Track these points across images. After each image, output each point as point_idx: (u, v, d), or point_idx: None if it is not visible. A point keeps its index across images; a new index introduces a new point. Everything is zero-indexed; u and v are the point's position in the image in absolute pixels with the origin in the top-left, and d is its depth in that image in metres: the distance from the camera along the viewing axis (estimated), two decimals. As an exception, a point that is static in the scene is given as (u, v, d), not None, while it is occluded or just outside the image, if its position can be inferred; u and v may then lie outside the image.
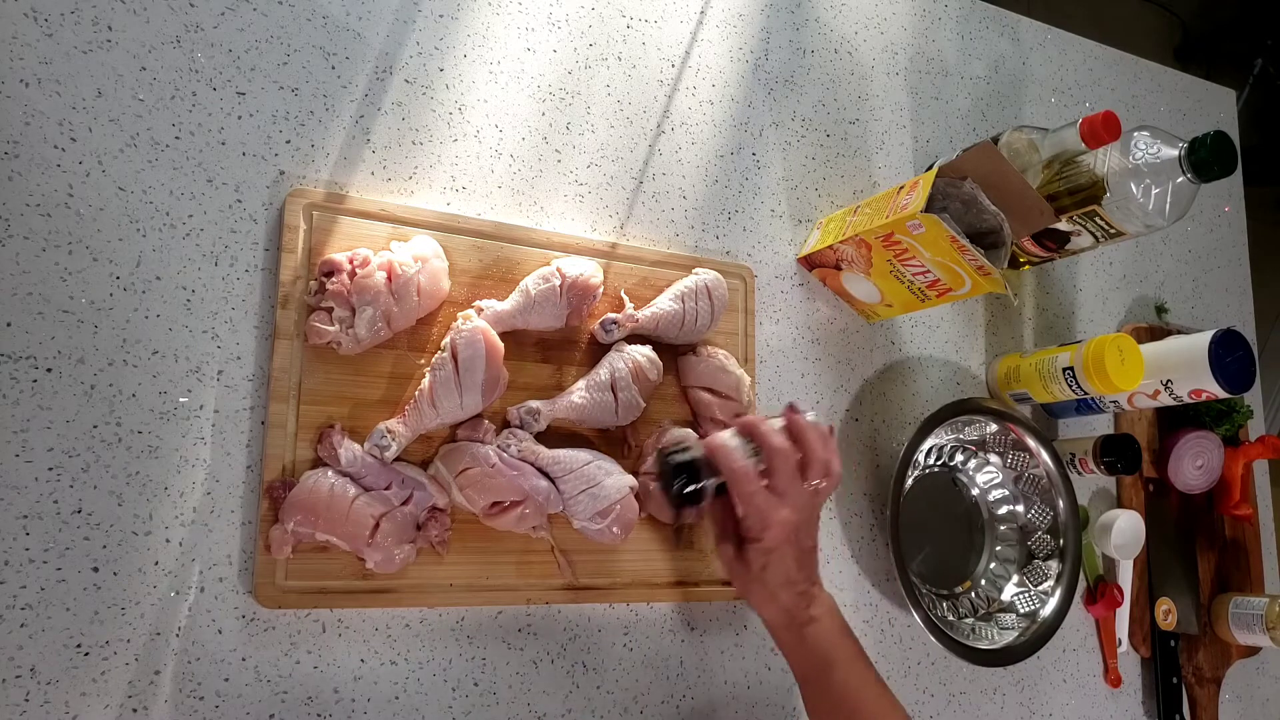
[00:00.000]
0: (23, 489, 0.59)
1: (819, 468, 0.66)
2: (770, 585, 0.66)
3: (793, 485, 0.64)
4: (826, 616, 0.66)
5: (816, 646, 0.65)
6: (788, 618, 0.66)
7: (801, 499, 0.65)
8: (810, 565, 0.67)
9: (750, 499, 0.64)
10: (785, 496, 0.64)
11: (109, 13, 0.66)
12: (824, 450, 0.66)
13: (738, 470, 0.64)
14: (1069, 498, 0.93)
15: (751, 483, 0.63)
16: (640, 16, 0.87)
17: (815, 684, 0.66)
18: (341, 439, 0.65)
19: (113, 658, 0.60)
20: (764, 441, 0.65)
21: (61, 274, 0.62)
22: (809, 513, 0.66)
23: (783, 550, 0.65)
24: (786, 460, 0.64)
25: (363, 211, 0.70)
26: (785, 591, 0.65)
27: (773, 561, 0.65)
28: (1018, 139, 0.87)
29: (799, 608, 0.66)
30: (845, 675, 0.65)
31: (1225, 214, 1.26)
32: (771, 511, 0.63)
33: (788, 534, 0.64)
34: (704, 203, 0.87)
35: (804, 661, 0.67)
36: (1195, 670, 1.04)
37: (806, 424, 0.66)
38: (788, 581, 0.65)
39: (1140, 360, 0.90)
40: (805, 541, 0.66)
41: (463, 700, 0.70)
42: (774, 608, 0.66)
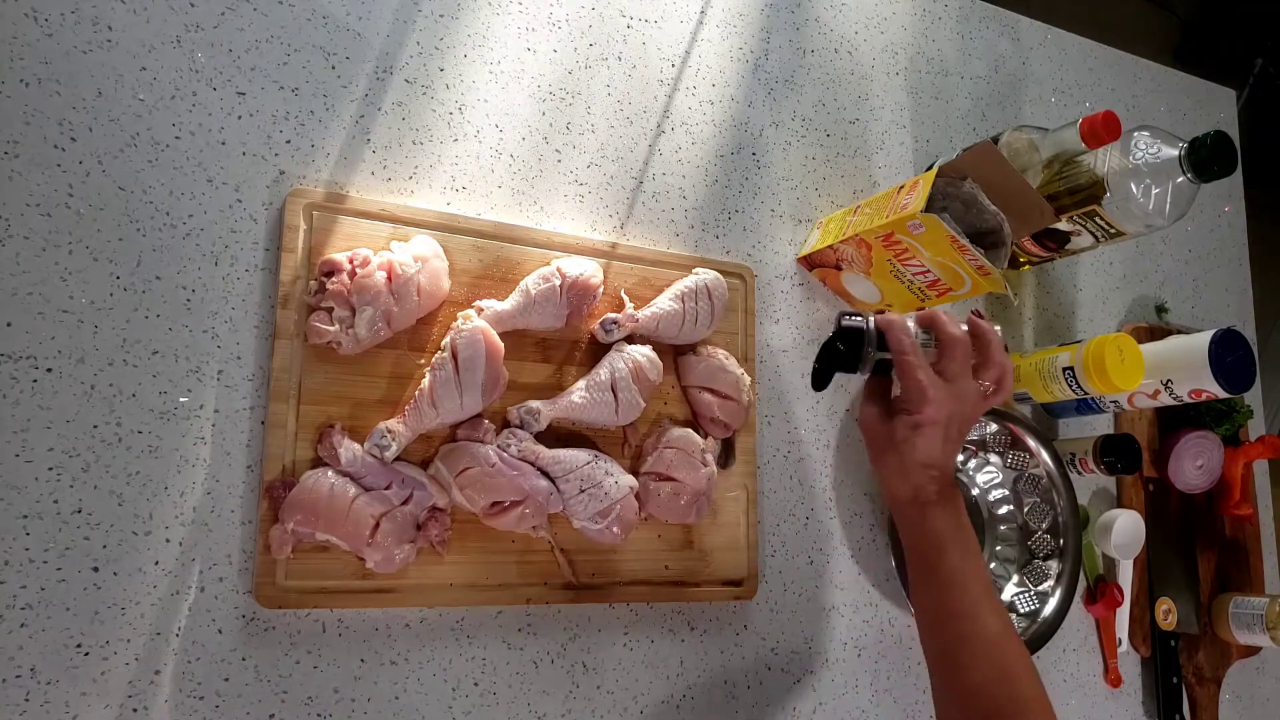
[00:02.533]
0: (23, 489, 0.59)
1: (995, 371, 0.66)
2: (908, 460, 0.64)
3: (962, 375, 0.64)
4: (951, 503, 0.65)
5: (935, 529, 0.65)
6: (914, 493, 0.65)
7: (966, 390, 0.65)
8: (951, 456, 0.66)
9: (913, 371, 0.64)
10: (952, 382, 0.64)
11: (109, 13, 0.66)
12: (1003, 358, 0.66)
13: (906, 344, 0.64)
14: (1069, 497, 0.93)
15: (916, 355, 0.64)
16: (640, 16, 0.87)
17: (925, 567, 0.65)
18: (341, 439, 0.65)
19: (113, 658, 0.60)
20: (942, 330, 0.65)
21: (61, 274, 0.62)
22: (970, 407, 0.65)
23: (931, 430, 0.63)
24: (962, 349, 0.64)
25: (363, 211, 0.70)
26: (920, 471, 0.64)
27: (917, 437, 0.64)
28: (1018, 139, 0.87)
29: (927, 488, 0.64)
30: (958, 563, 0.64)
31: (1225, 214, 1.26)
32: (933, 389, 0.63)
33: (941, 415, 0.63)
34: (704, 203, 0.87)
35: (920, 541, 0.66)
36: (1195, 670, 1.04)
37: (989, 329, 0.67)
38: (926, 463, 0.64)
39: (1140, 360, 0.90)
40: (954, 432, 0.65)
41: (463, 700, 0.70)
42: (904, 482, 0.65)
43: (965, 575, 0.64)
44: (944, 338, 0.65)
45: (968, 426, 0.66)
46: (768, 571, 0.83)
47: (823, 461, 0.88)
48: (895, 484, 0.66)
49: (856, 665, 0.86)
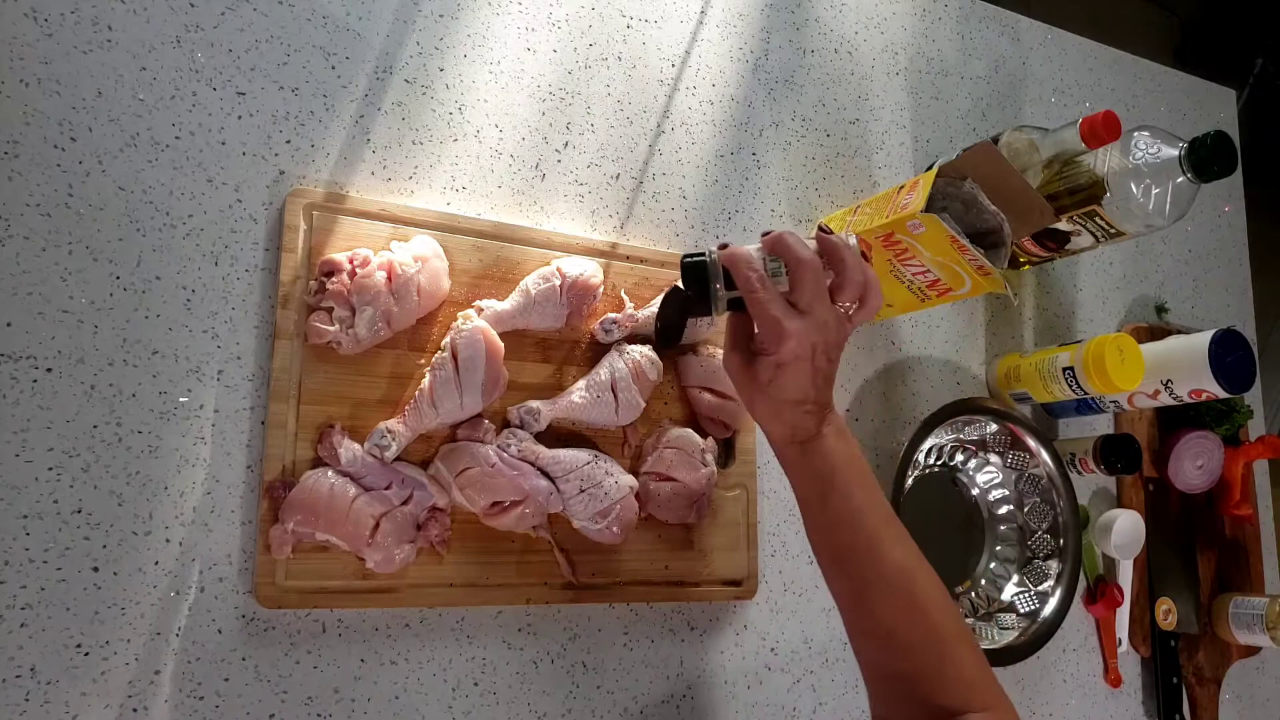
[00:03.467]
0: (23, 489, 0.59)
1: (853, 289, 0.61)
2: (777, 400, 0.61)
3: (817, 302, 0.59)
4: (833, 436, 0.62)
5: (818, 464, 0.61)
6: (790, 433, 0.61)
7: (826, 317, 0.59)
8: (824, 387, 0.61)
9: (764, 307, 0.59)
10: (808, 312, 0.59)
11: (109, 13, 0.66)
12: (860, 273, 0.61)
13: (753, 277, 0.59)
14: (1069, 497, 0.93)
15: (767, 291, 0.59)
16: (640, 16, 0.87)
17: (816, 507, 0.62)
18: (341, 439, 0.65)
19: (113, 658, 0.60)
20: (789, 254, 0.59)
21: (61, 274, 0.62)
22: (833, 334, 0.60)
23: (795, 366, 0.59)
24: (813, 274, 0.59)
25: (363, 211, 0.70)
26: (792, 409, 0.60)
27: (782, 376, 0.60)
28: (1018, 139, 0.87)
29: (804, 425, 0.61)
30: (849, 498, 0.60)
31: (1225, 214, 1.26)
32: (787, 323, 0.58)
33: (803, 350, 0.59)
34: (704, 203, 0.87)
35: (806, 477, 0.62)
36: (1195, 670, 1.04)
37: (840, 243, 0.61)
38: (798, 400, 0.60)
39: (1140, 360, 0.90)
40: (823, 363, 0.60)
41: (463, 700, 0.70)
42: (778, 423, 0.62)
43: (859, 510, 0.60)
44: (791, 263, 0.59)
45: (837, 352, 0.62)
46: (768, 571, 0.83)
47: (823, 461, 0.88)
48: (770, 427, 0.63)
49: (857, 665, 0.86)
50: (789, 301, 0.59)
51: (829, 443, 0.61)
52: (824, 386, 0.61)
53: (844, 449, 0.62)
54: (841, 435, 0.62)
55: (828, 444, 0.61)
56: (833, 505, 0.61)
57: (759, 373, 0.61)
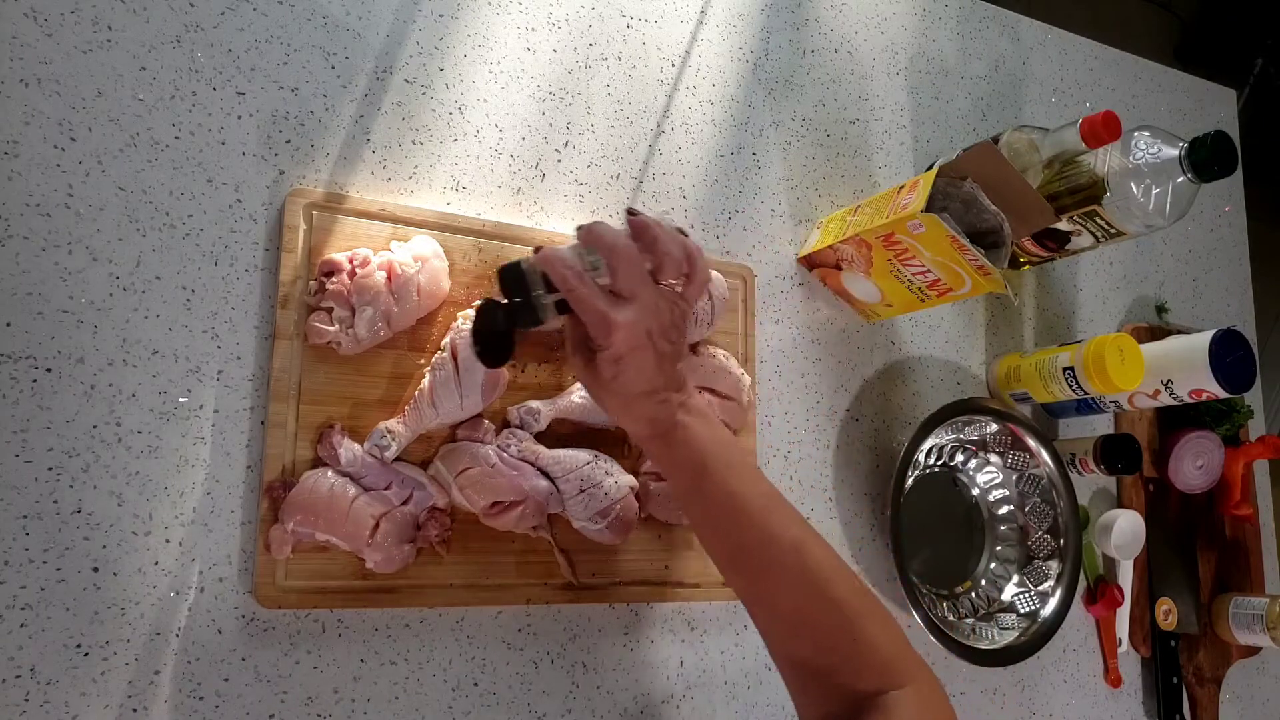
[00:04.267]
0: (23, 489, 0.59)
1: (672, 266, 0.59)
2: (625, 395, 0.59)
3: (640, 286, 0.57)
4: (697, 422, 0.60)
5: (685, 454, 0.59)
6: (650, 428, 0.60)
7: (653, 300, 0.58)
8: (672, 372, 0.60)
9: (586, 302, 0.57)
10: (632, 299, 0.57)
11: (109, 13, 0.66)
12: (676, 248, 0.59)
13: (569, 275, 0.57)
14: (1069, 498, 0.93)
15: (584, 285, 0.57)
16: (640, 16, 0.87)
17: (690, 494, 0.60)
18: (341, 439, 0.65)
19: (113, 658, 0.60)
20: (600, 243, 0.57)
21: (61, 274, 0.62)
22: (666, 316, 0.59)
23: (634, 356, 0.57)
24: (627, 258, 0.57)
25: (363, 211, 0.70)
26: (644, 402, 0.59)
27: (624, 370, 0.58)
28: (1018, 139, 0.87)
29: (661, 416, 0.59)
30: (721, 481, 0.58)
31: (1225, 214, 1.26)
32: (614, 314, 0.56)
33: (637, 338, 0.57)
34: (704, 203, 0.87)
35: (676, 471, 0.61)
36: (1195, 670, 1.04)
37: (650, 222, 0.59)
38: (648, 391, 0.58)
39: (1140, 360, 0.90)
40: (664, 346, 0.58)
41: (463, 700, 0.70)
42: (633, 419, 0.60)
43: (737, 495, 0.58)
44: (604, 252, 0.57)
45: (677, 333, 0.60)
46: (768, 571, 0.83)
47: (823, 461, 0.88)
48: (627, 424, 0.61)
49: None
50: (612, 292, 0.58)
51: (692, 430, 0.60)
52: (671, 371, 0.60)
53: (709, 433, 0.60)
54: (704, 419, 0.61)
55: (690, 431, 0.60)
56: (710, 495, 0.59)
57: (601, 370, 0.59)
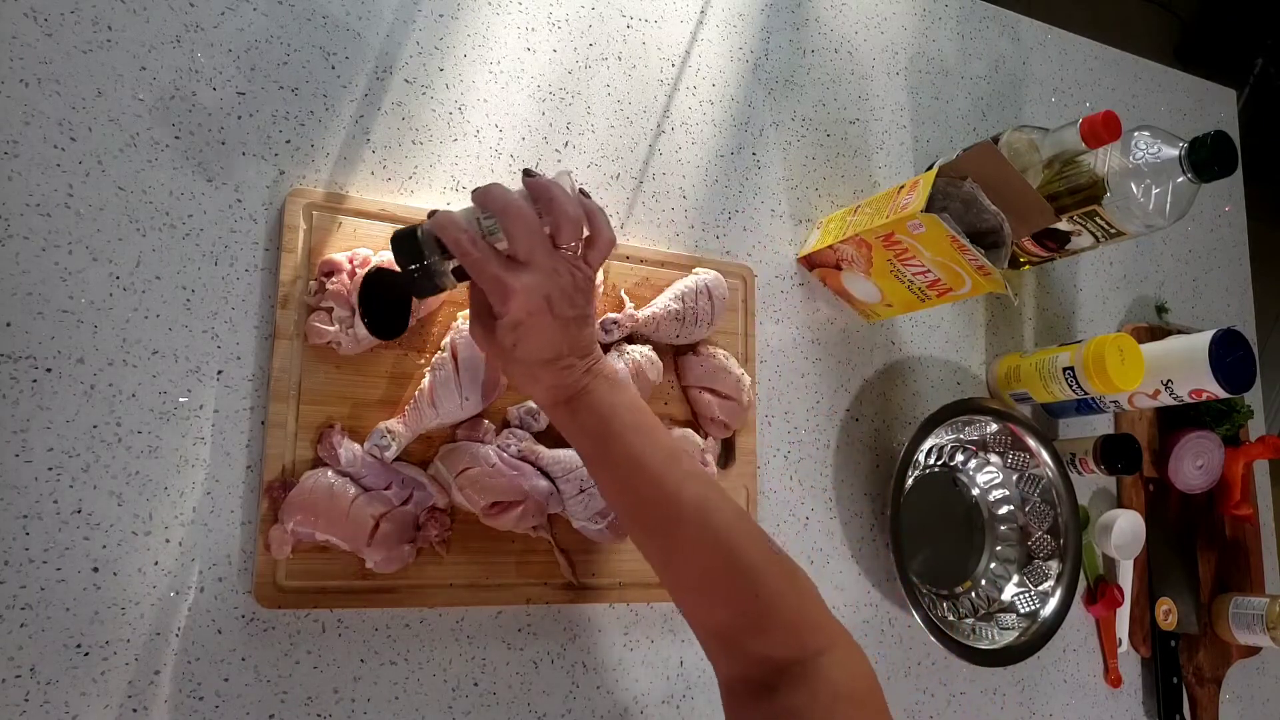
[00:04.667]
0: (23, 489, 0.59)
1: (571, 228, 0.56)
2: (526, 362, 0.58)
3: (537, 250, 0.55)
4: (602, 386, 0.59)
5: (589, 417, 0.58)
6: (553, 395, 0.59)
7: (552, 264, 0.56)
8: (577, 338, 0.58)
9: (480, 267, 0.55)
10: (530, 264, 0.55)
11: (109, 13, 0.66)
12: (574, 208, 0.57)
13: (465, 240, 0.55)
14: (1069, 498, 0.93)
15: (478, 250, 0.55)
16: (640, 16, 0.87)
17: (596, 459, 0.59)
18: (341, 439, 0.65)
19: (113, 658, 0.60)
20: (495, 205, 0.55)
21: (61, 274, 0.62)
22: (566, 279, 0.57)
23: (533, 322, 0.56)
24: (522, 221, 0.55)
25: (363, 211, 0.70)
26: (546, 369, 0.58)
27: (523, 336, 0.56)
28: (1018, 139, 0.87)
29: (565, 382, 0.58)
30: (625, 444, 0.57)
31: (1225, 214, 1.26)
32: (510, 279, 0.54)
33: (536, 304, 0.55)
34: (704, 203, 0.87)
35: (579, 436, 0.60)
36: (1195, 670, 1.04)
37: (547, 183, 0.57)
38: (550, 358, 0.57)
39: (1140, 360, 0.90)
40: (566, 311, 0.57)
41: (463, 700, 0.70)
42: (537, 387, 0.59)
43: (639, 455, 0.57)
44: (499, 214, 0.55)
45: (583, 297, 0.58)
46: (768, 571, 0.83)
47: (823, 461, 0.88)
48: (532, 391, 0.60)
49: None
50: (509, 256, 0.56)
51: (598, 395, 0.59)
52: (576, 336, 0.58)
53: (618, 397, 0.59)
54: (610, 383, 0.59)
55: (597, 397, 0.59)
56: (613, 457, 0.58)
57: (501, 338, 0.57)
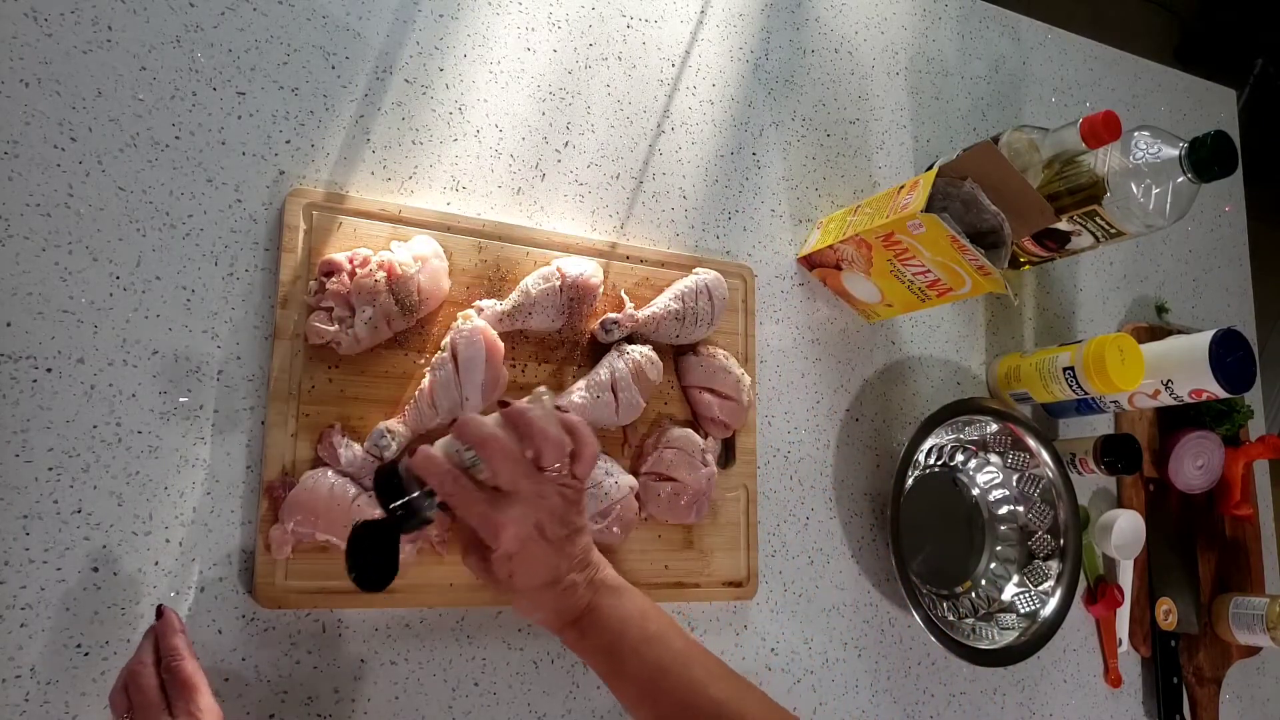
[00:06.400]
0: (23, 489, 0.59)
1: (552, 450, 0.56)
2: (526, 590, 0.57)
3: (521, 478, 0.55)
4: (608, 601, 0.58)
5: (600, 639, 0.58)
6: (559, 619, 0.58)
7: (535, 490, 0.56)
8: (571, 554, 0.57)
9: (466, 505, 0.55)
10: (514, 493, 0.55)
11: (109, 13, 0.66)
12: (554, 429, 0.56)
13: (446, 479, 0.55)
14: (1069, 498, 0.93)
15: (460, 488, 0.55)
16: (640, 16, 0.87)
17: (613, 677, 0.59)
18: (341, 439, 0.65)
19: (113, 658, 0.60)
20: (471, 437, 0.55)
21: (61, 274, 0.62)
22: (555, 501, 0.56)
23: (527, 552, 0.55)
24: (501, 451, 0.55)
25: (363, 211, 0.70)
26: (546, 593, 0.57)
27: (519, 566, 0.56)
28: (1018, 139, 0.87)
29: (567, 604, 0.58)
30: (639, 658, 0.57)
31: (1225, 214, 1.26)
32: (497, 514, 0.54)
33: (527, 533, 0.55)
34: (704, 202, 0.87)
35: (593, 657, 0.59)
36: (1195, 670, 1.04)
37: (521, 408, 0.57)
38: (550, 580, 0.57)
39: (1140, 360, 0.90)
40: (558, 532, 0.57)
41: (463, 700, 0.70)
42: (543, 612, 0.58)
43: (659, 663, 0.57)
44: (477, 446, 0.55)
45: (574, 511, 0.58)
46: (768, 571, 0.83)
47: (823, 461, 0.88)
48: (538, 618, 0.59)
49: (856, 665, 0.86)
50: (494, 488, 0.55)
51: (605, 612, 0.58)
52: (571, 553, 0.58)
53: (621, 608, 0.59)
54: (615, 594, 0.59)
55: (604, 613, 0.58)
56: (631, 671, 0.58)
57: (497, 570, 0.57)
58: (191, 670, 0.55)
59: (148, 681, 0.54)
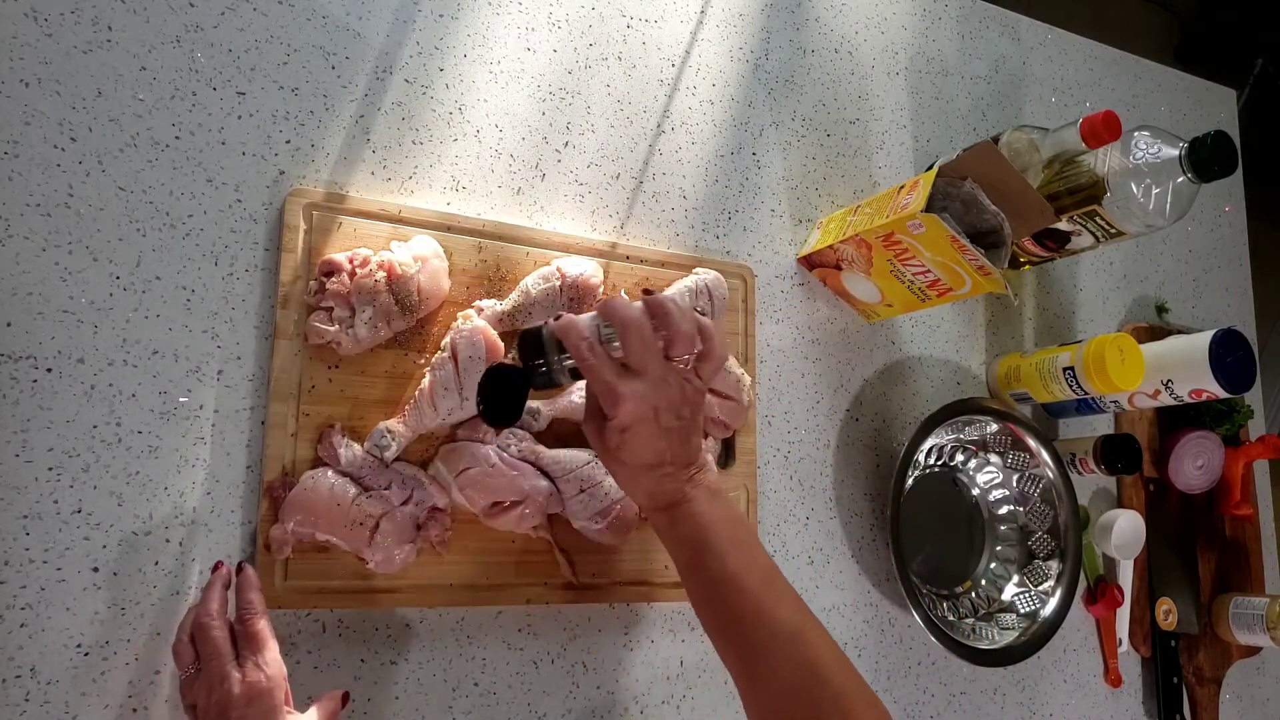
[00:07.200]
0: (23, 489, 0.59)
1: (683, 342, 0.59)
2: (630, 465, 0.60)
3: (650, 360, 0.58)
4: (703, 498, 0.60)
5: (688, 527, 0.60)
6: (652, 500, 0.61)
7: (661, 374, 0.58)
8: (679, 446, 0.60)
9: (594, 372, 0.58)
10: (642, 373, 0.58)
11: (109, 13, 0.66)
12: (687, 324, 0.60)
13: (584, 346, 0.58)
14: (1069, 498, 0.93)
15: (594, 355, 0.58)
16: (640, 16, 0.87)
17: (691, 569, 0.60)
18: (341, 439, 0.65)
19: (113, 658, 0.60)
20: (614, 316, 0.58)
21: (61, 274, 0.62)
22: (675, 391, 0.59)
23: (639, 428, 0.58)
24: (638, 333, 0.58)
25: (363, 211, 0.70)
26: (647, 474, 0.60)
27: (629, 441, 0.58)
28: (1018, 139, 0.87)
29: (665, 489, 0.60)
30: (725, 560, 0.58)
31: (1225, 214, 1.26)
32: (620, 385, 0.57)
33: (642, 411, 0.58)
34: (704, 203, 0.87)
35: (676, 544, 0.61)
36: (1195, 670, 1.04)
37: (664, 299, 0.60)
38: (651, 463, 0.59)
39: (1140, 360, 0.90)
40: (670, 421, 0.59)
41: (463, 700, 0.70)
42: (638, 489, 0.61)
43: (738, 572, 0.58)
44: (617, 325, 0.58)
45: (688, 408, 0.60)
46: (768, 571, 0.83)
47: (823, 461, 0.88)
48: (632, 492, 0.62)
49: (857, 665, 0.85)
50: (622, 364, 0.59)
51: (698, 506, 0.60)
52: (680, 446, 0.60)
53: (717, 510, 0.61)
54: (714, 496, 0.61)
55: (696, 507, 0.60)
56: (709, 571, 0.59)
57: (608, 439, 0.60)
58: (264, 626, 0.57)
59: (218, 633, 0.56)
